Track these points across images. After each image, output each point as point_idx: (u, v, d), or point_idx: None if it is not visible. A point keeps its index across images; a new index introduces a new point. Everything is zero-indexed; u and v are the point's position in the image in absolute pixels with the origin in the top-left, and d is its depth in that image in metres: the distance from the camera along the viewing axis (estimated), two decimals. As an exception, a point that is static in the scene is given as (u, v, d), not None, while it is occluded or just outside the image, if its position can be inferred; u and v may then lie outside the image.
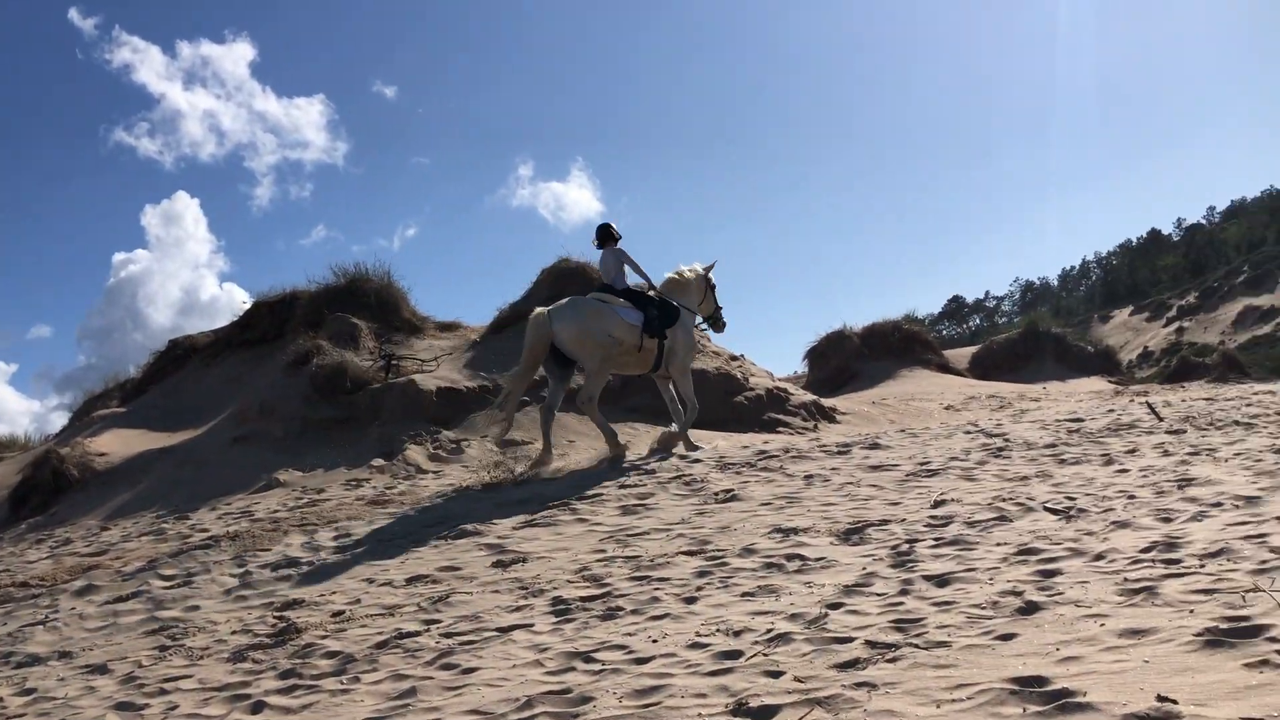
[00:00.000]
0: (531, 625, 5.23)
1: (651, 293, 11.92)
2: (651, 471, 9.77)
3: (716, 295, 12.69)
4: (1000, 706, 3.32)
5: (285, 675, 4.99)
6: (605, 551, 6.75)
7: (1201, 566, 4.61)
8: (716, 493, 8.36)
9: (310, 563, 7.57)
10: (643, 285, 12.03)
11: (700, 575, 5.79)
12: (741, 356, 19.40)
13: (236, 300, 31.12)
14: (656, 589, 5.59)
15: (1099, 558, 5.04)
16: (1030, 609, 4.33)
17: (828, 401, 19.32)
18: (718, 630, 4.67)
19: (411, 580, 6.63)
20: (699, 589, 5.50)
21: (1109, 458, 8.32)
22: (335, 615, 6.00)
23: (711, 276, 12.63)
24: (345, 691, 4.62)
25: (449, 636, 5.22)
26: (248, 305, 20.77)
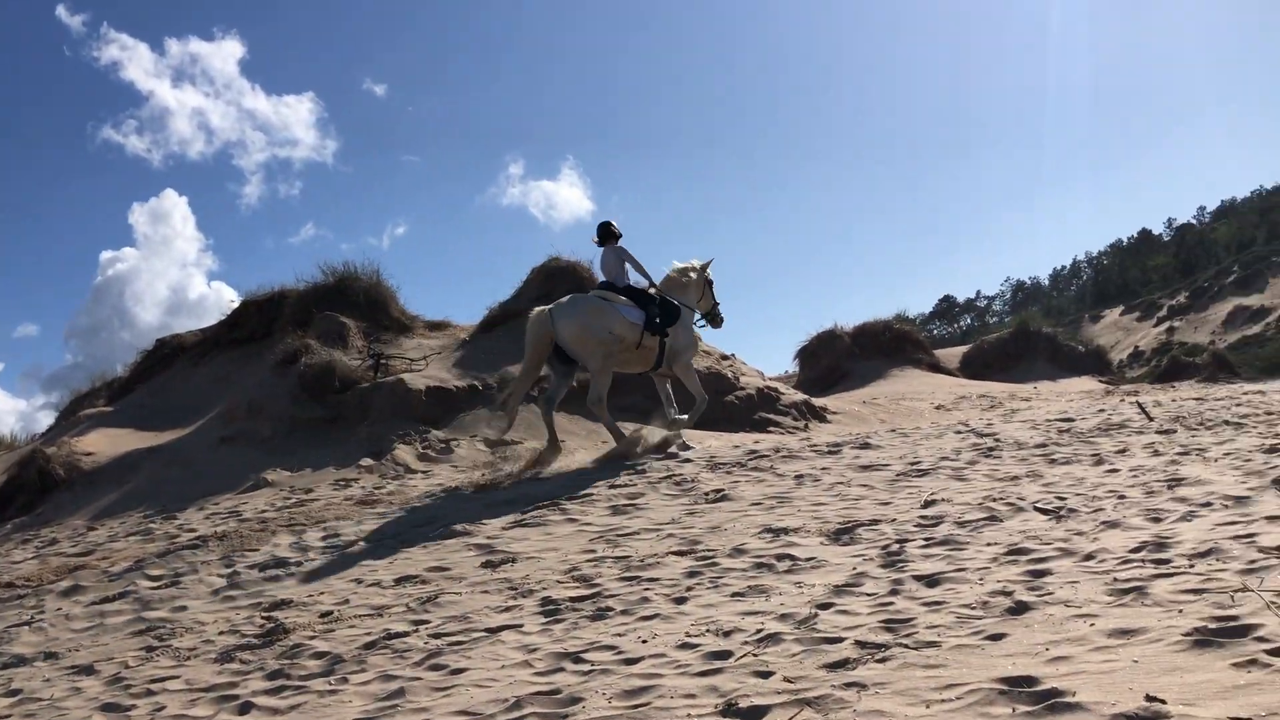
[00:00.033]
0: (521, 626, 5.21)
1: (652, 291, 11.93)
2: (642, 471, 9.76)
3: (714, 292, 12.71)
4: (989, 706, 3.31)
5: (273, 676, 4.97)
6: (595, 551, 6.73)
7: (1191, 566, 4.61)
8: (707, 493, 8.35)
9: (298, 563, 7.54)
10: (644, 283, 12.04)
11: (690, 575, 5.78)
12: (732, 356, 19.41)
13: (225, 299, 31.07)
14: (646, 589, 5.58)
15: (1089, 558, 5.04)
16: (1020, 609, 4.33)
17: (819, 401, 19.35)
18: (707, 630, 4.66)
19: (400, 580, 6.61)
20: (689, 589, 5.48)
21: (1099, 458, 8.33)
22: (323, 616, 5.98)
23: (709, 273, 12.65)
24: (333, 692, 4.60)
25: (438, 637, 5.20)
26: (236, 304, 20.76)
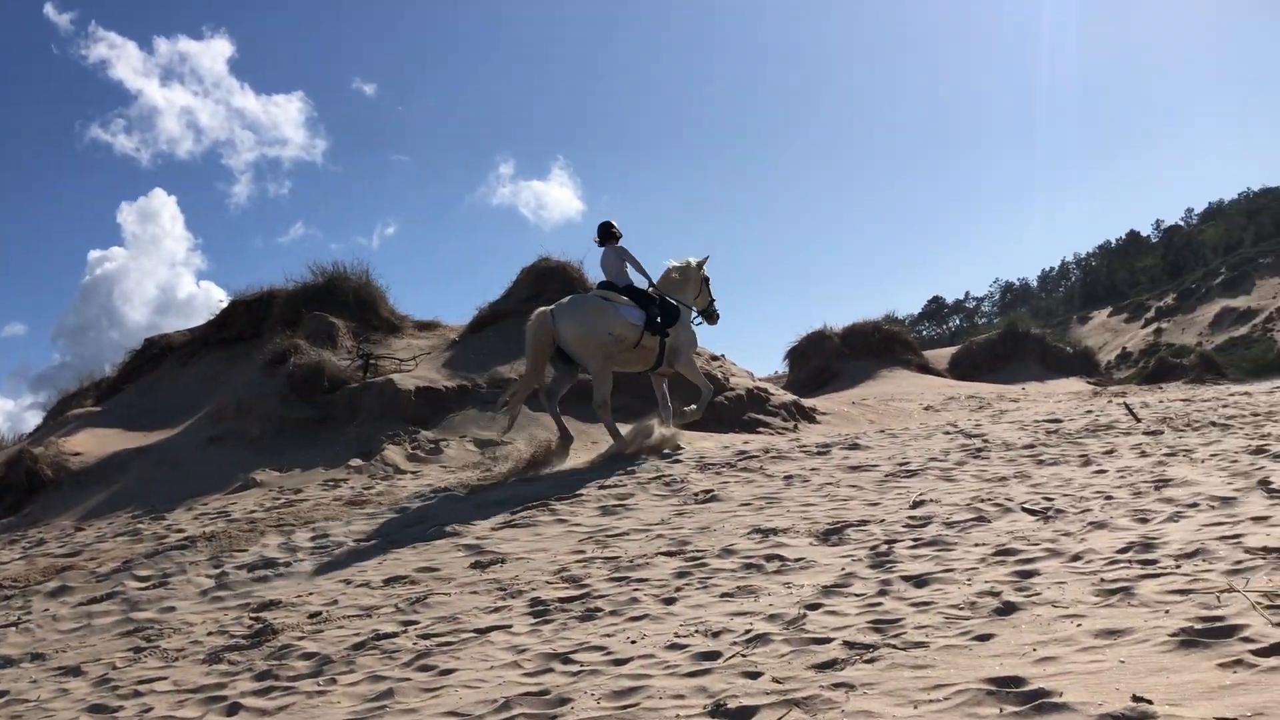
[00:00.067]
0: (510, 626, 5.21)
1: (652, 290, 12.01)
2: (631, 472, 9.76)
3: (710, 288, 12.79)
4: (977, 707, 3.32)
5: (261, 677, 4.96)
6: (584, 552, 6.73)
7: (1177, 567, 4.63)
8: (696, 493, 8.36)
9: (287, 563, 7.52)
10: (644, 283, 12.12)
11: (679, 576, 5.78)
12: (722, 356, 19.41)
13: (213, 299, 30.95)
14: (635, 590, 5.58)
15: (1076, 558, 5.06)
16: (1008, 609, 4.35)
17: (808, 402, 19.36)
18: (696, 631, 4.66)
19: (389, 581, 6.60)
20: (678, 590, 5.49)
21: (1087, 459, 8.36)
22: (312, 616, 5.97)
23: (705, 270, 12.72)
24: (322, 693, 4.59)
25: (427, 638, 5.20)
26: (225, 304, 20.69)
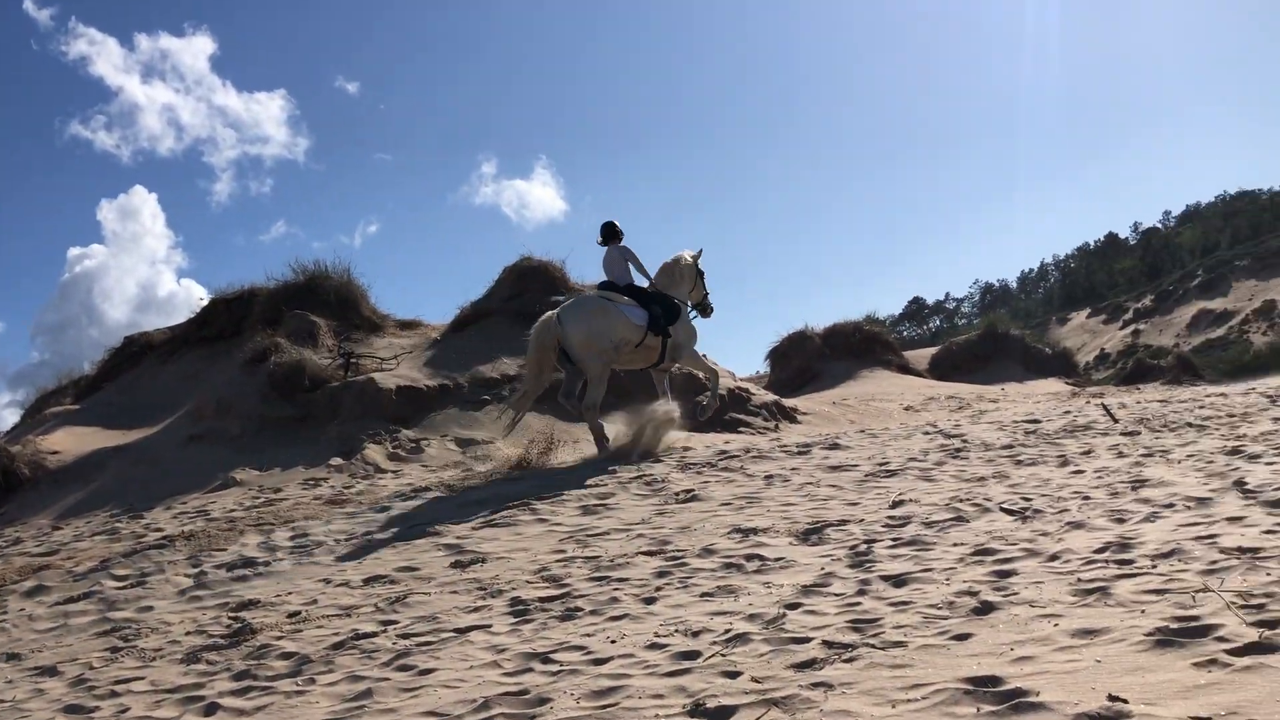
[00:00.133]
0: (489, 626, 5.20)
1: (651, 289, 12.17)
2: (612, 471, 9.77)
3: (705, 282, 12.95)
4: (954, 706, 3.34)
5: (240, 676, 4.94)
6: (565, 552, 6.73)
7: (1153, 567, 4.67)
8: (677, 493, 8.37)
9: (266, 563, 7.49)
10: (644, 283, 12.29)
11: (660, 575, 5.79)
12: (704, 356, 19.41)
13: (194, 297, 30.71)
14: (616, 589, 5.59)
15: (1054, 558, 5.10)
16: (985, 609, 4.37)
17: (789, 402, 19.39)
18: (676, 631, 4.67)
19: (369, 580, 6.58)
20: (658, 589, 5.50)
21: (1065, 459, 8.41)
22: (291, 616, 5.95)
23: (699, 264, 12.87)
24: (300, 693, 4.58)
25: (406, 637, 5.19)
26: (205, 302, 20.59)
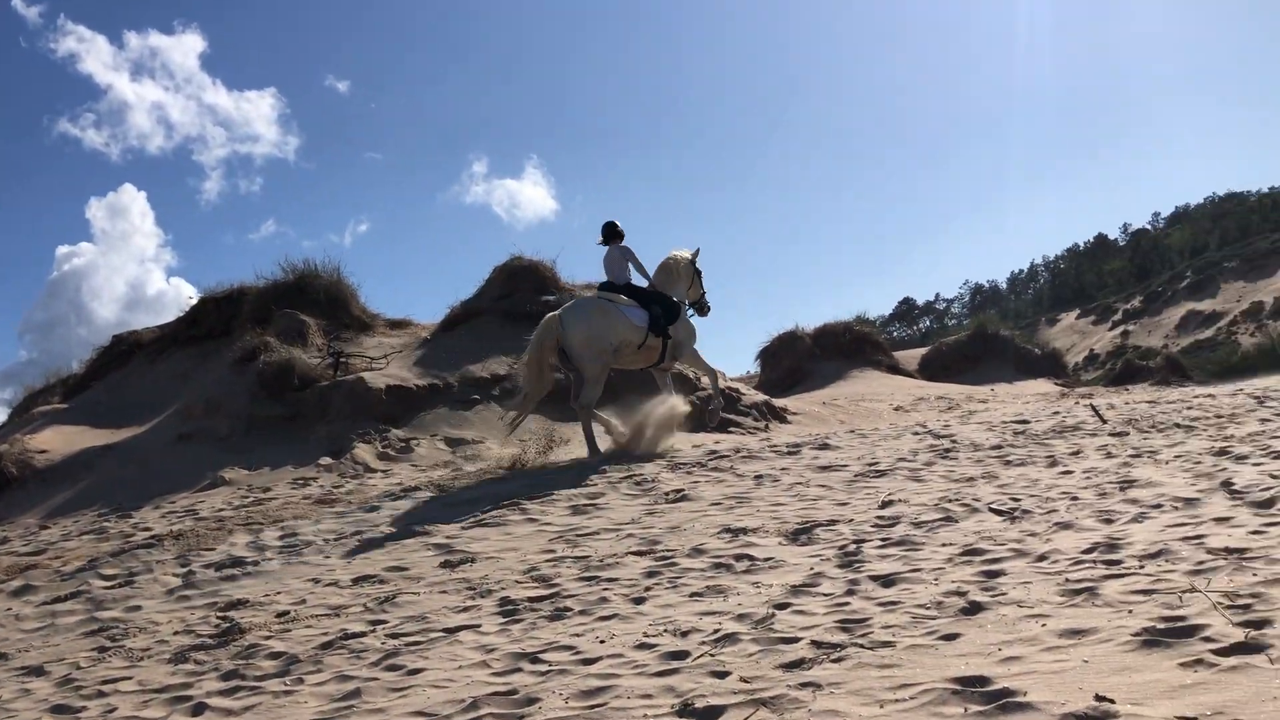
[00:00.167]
0: (479, 626, 5.20)
1: (650, 289, 12.27)
2: (603, 471, 9.77)
3: (702, 281, 13.03)
4: (942, 706, 3.35)
5: (228, 676, 4.92)
6: (554, 552, 6.73)
7: (1141, 567, 4.69)
8: (667, 493, 8.38)
9: (255, 562, 7.48)
10: (644, 283, 12.39)
11: (649, 575, 5.79)
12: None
13: (184, 295, 30.61)
14: (605, 589, 5.59)
15: (1042, 558, 5.11)
16: (974, 609, 4.38)
17: (779, 402, 19.40)
18: (665, 631, 4.67)
19: (358, 580, 6.57)
20: (647, 589, 5.50)
21: (1053, 459, 8.44)
22: (280, 615, 5.93)
23: (697, 263, 12.95)
24: (289, 693, 4.57)
25: (395, 637, 5.18)
26: (195, 301, 20.48)
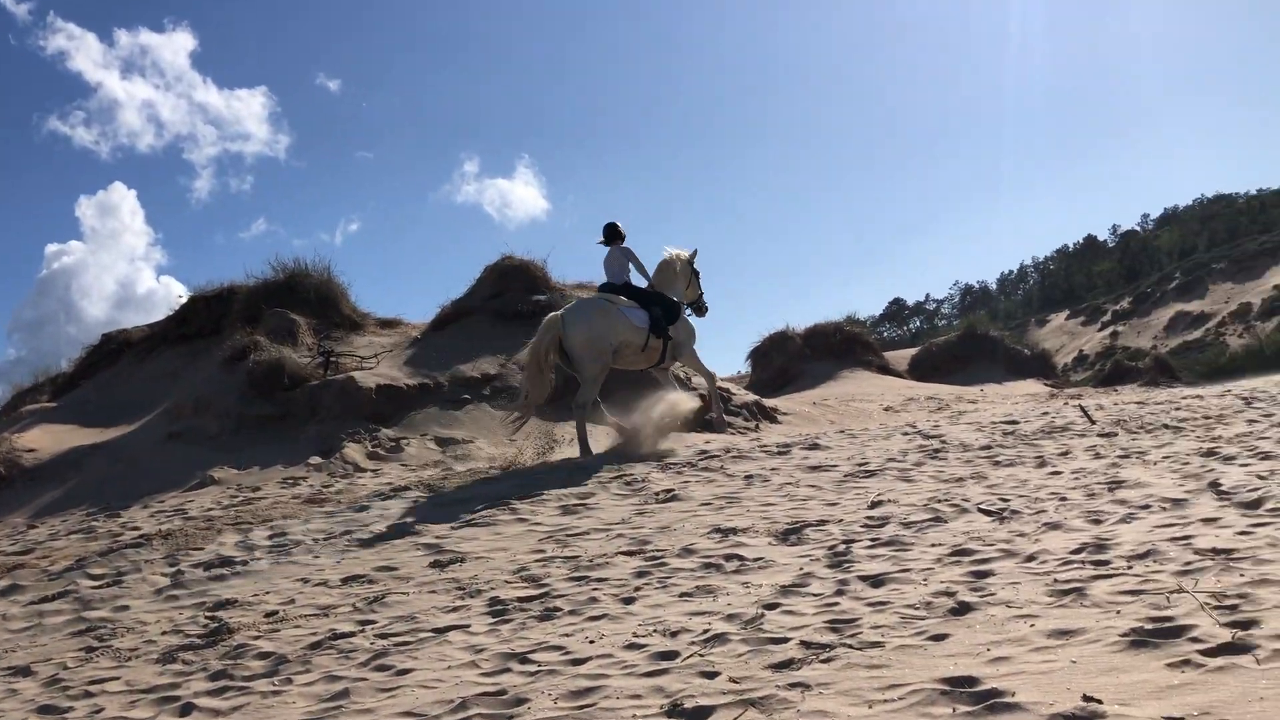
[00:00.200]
0: (468, 626, 5.19)
1: (650, 289, 12.33)
2: (593, 471, 9.76)
3: (700, 282, 13.11)
4: (931, 707, 3.35)
5: (216, 676, 4.91)
6: (544, 552, 6.73)
7: (1129, 568, 4.71)
8: (657, 493, 8.37)
9: (244, 562, 7.45)
10: (644, 283, 12.44)
11: (639, 575, 5.79)
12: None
13: (173, 294, 30.45)
14: (595, 589, 5.59)
15: (1030, 559, 5.13)
16: (962, 609, 4.39)
17: (769, 402, 19.40)
18: (655, 631, 4.67)
19: (347, 580, 6.56)
20: (637, 589, 5.50)
21: (1042, 460, 8.46)
22: (268, 615, 5.92)
23: (695, 264, 13.02)
24: (277, 693, 4.56)
25: (384, 637, 5.17)
26: (184, 300, 20.44)
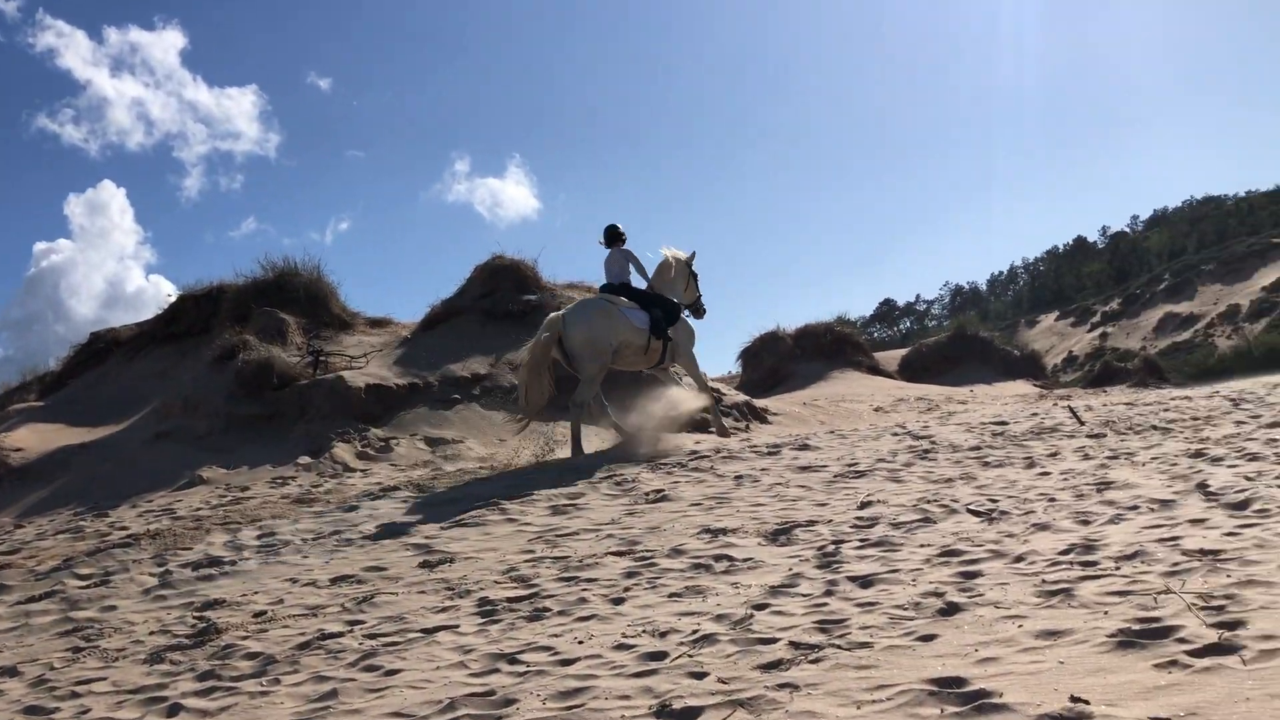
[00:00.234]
0: (457, 626, 5.18)
1: (650, 291, 12.42)
2: (583, 471, 9.75)
3: (698, 284, 13.21)
4: (919, 707, 3.36)
5: (204, 677, 4.89)
6: (534, 552, 6.72)
7: (1117, 569, 4.72)
8: (647, 493, 8.37)
9: (233, 562, 7.43)
10: (643, 285, 12.55)
11: (628, 576, 5.79)
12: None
13: (162, 293, 30.32)
14: (584, 590, 5.58)
15: (1019, 559, 5.14)
16: (951, 610, 4.40)
17: (760, 402, 19.42)
18: (644, 631, 4.67)
19: (336, 580, 6.54)
20: (627, 590, 5.50)
21: (1031, 461, 8.48)
22: (257, 615, 5.90)
23: (693, 266, 13.11)
24: (265, 694, 4.54)
25: (372, 638, 5.16)
26: (173, 298, 20.33)
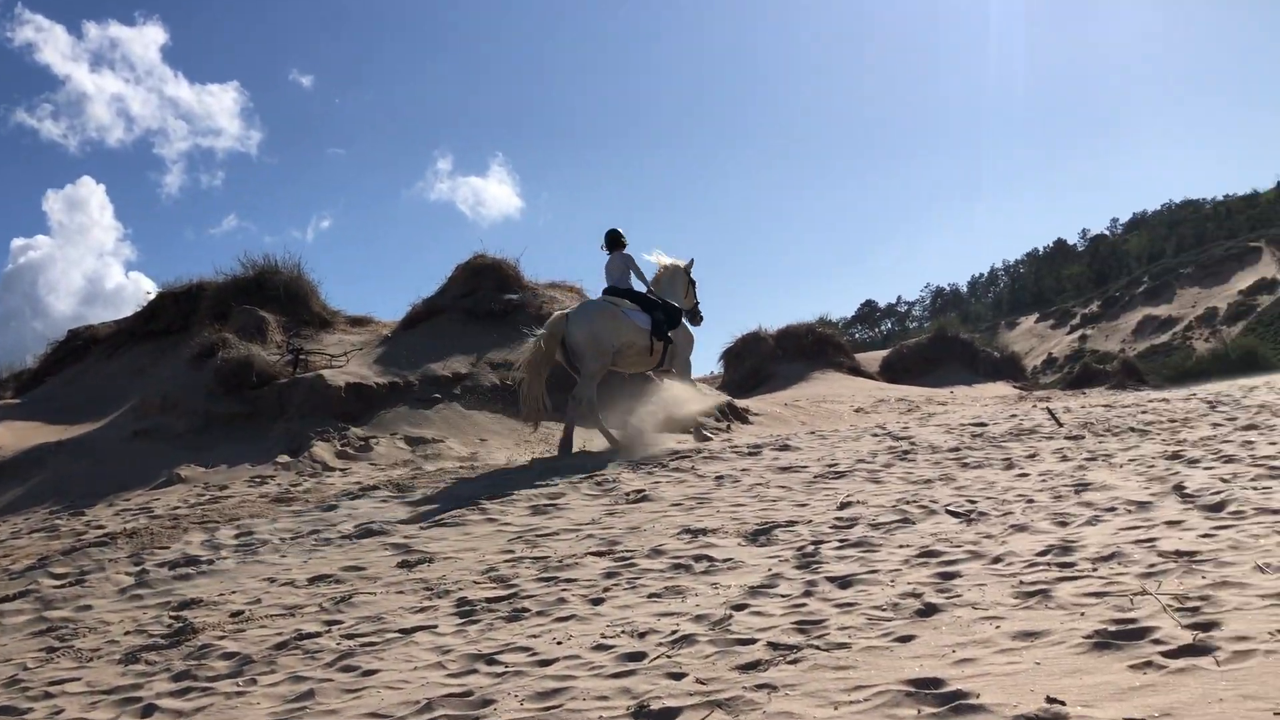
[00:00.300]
0: (435, 627, 5.16)
1: (651, 294, 12.50)
2: (564, 471, 9.74)
3: (696, 291, 13.28)
4: (896, 708, 3.36)
5: (179, 677, 4.85)
6: (513, 552, 6.71)
7: (1094, 570, 4.74)
8: (628, 493, 8.37)
9: (210, 561, 7.38)
10: (643, 289, 12.58)
11: (608, 576, 5.78)
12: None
13: (142, 290, 30.03)
14: (564, 590, 5.57)
15: (997, 560, 5.16)
16: (929, 611, 4.41)
17: (741, 402, 19.45)
18: (623, 632, 4.66)
19: (314, 580, 6.51)
20: (606, 590, 5.49)
21: (1010, 462, 8.52)
22: (234, 615, 5.87)
23: (691, 273, 13.21)
24: (241, 694, 4.51)
25: (350, 638, 5.13)
26: (153, 296, 20.23)
